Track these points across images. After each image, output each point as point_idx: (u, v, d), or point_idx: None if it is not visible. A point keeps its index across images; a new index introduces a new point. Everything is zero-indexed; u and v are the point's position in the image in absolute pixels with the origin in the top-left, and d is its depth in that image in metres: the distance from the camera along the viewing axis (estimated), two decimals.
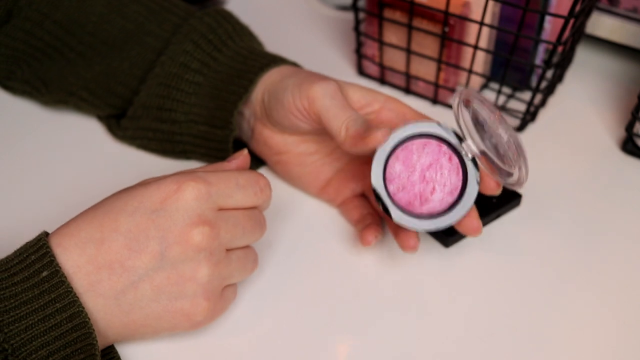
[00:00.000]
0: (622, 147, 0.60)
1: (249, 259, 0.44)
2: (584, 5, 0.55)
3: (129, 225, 0.39)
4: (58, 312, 0.37)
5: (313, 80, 0.47)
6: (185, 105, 0.54)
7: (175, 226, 0.39)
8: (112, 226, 0.39)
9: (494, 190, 0.45)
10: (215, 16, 0.56)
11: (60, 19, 0.57)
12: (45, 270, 0.38)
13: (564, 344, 0.45)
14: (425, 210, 0.44)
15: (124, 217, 0.39)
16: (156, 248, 0.39)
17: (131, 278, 0.39)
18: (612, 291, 0.48)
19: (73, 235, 0.39)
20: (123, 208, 0.40)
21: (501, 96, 0.65)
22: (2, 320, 0.36)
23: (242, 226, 0.42)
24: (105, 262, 0.39)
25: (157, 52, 0.56)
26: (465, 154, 0.44)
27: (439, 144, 0.45)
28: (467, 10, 0.59)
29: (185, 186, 0.40)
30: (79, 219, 0.40)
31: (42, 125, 0.61)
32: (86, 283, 0.39)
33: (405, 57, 0.64)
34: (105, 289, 0.39)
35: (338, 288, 0.48)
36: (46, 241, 0.39)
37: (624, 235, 0.52)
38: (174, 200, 0.39)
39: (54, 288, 0.37)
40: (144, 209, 0.40)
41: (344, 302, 0.47)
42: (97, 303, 0.39)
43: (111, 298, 0.39)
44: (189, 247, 0.39)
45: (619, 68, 0.70)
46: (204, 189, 0.40)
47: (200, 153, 0.55)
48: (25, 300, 0.37)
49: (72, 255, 0.39)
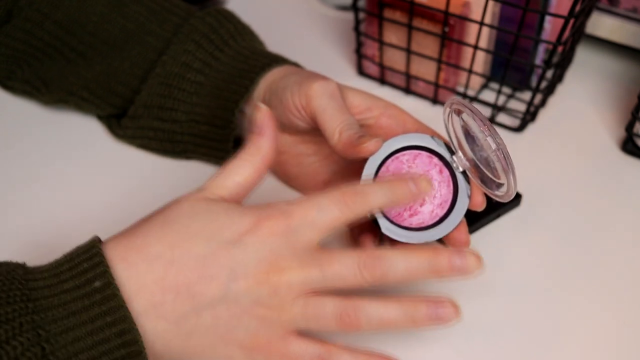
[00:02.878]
0: (622, 147, 0.60)
1: (322, 309, 0.39)
2: (584, 5, 0.55)
3: (204, 251, 0.38)
4: (107, 326, 0.36)
5: (313, 79, 0.47)
6: (187, 104, 0.54)
7: (249, 263, 0.38)
8: (185, 249, 0.38)
9: (479, 206, 0.44)
10: (216, 16, 0.56)
11: (60, 18, 0.57)
12: (98, 281, 0.36)
13: (564, 344, 0.45)
14: (414, 222, 0.44)
15: (199, 242, 0.38)
16: (225, 279, 0.38)
17: (196, 305, 0.37)
18: (612, 291, 0.48)
19: (140, 251, 0.38)
20: (199, 232, 0.38)
21: (501, 96, 0.65)
22: (49, 329, 0.35)
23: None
24: (172, 285, 0.37)
25: (158, 52, 0.56)
26: (456, 167, 0.44)
27: (430, 156, 0.45)
28: (467, 10, 0.59)
29: (263, 224, 0.38)
30: (144, 233, 0.39)
31: (42, 125, 0.60)
32: (148, 303, 0.37)
33: (405, 57, 0.64)
34: (168, 311, 0.37)
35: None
36: (100, 249, 0.38)
37: (623, 235, 0.52)
38: (251, 235, 0.38)
39: (105, 300, 0.36)
40: (221, 239, 0.38)
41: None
42: (158, 324, 0.37)
43: (172, 322, 0.38)
44: (256, 286, 0.38)
45: (619, 68, 0.70)
46: (282, 225, 0.38)
47: (201, 152, 0.55)
48: (74, 311, 0.36)
49: (138, 272, 0.37)
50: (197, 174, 0.56)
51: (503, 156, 0.41)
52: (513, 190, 0.41)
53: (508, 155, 0.40)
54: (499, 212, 0.53)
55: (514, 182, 0.41)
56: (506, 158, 0.40)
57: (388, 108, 0.48)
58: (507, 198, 0.42)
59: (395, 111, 0.48)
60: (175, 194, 0.45)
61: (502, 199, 0.43)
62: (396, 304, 0.40)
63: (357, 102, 0.48)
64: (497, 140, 0.41)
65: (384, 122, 0.48)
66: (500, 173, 0.42)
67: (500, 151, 0.41)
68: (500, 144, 0.41)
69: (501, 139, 0.41)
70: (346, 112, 0.45)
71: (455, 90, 0.65)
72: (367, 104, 0.48)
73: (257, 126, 0.43)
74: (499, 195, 0.43)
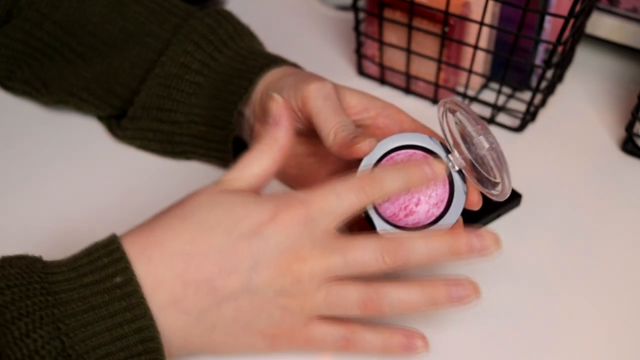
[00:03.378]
0: (622, 147, 0.60)
1: (346, 296, 0.39)
2: (584, 5, 0.55)
3: (223, 245, 0.38)
4: (127, 322, 0.36)
5: (309, 81, 0.47)
6: (186, 105, 0.54)
7: (270, 253, 0.38)
8: (204, 243, 0.38)
9: (476, 205, 0.44)
10: (215, 16, 0.56)
11: (60, 19, 0.57)
12: (119, 276, 0.36)
13: (564, 344, 0.45)
14: (410, 222, 0.44)
15: (218, 235, 0.38)
16: (246, 272, 0.38)
17: (217, 298, 0.38)
18: (612, 291, 0.48)
19: (159, 246, 0.38)
20: (217, 225, 0.38)
21: (501, 96, 0.65)
22: (69, 323, 0.35)
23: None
24: (192, 280, 0.37)
25: (157, 53, 0.56)
26: (452, 166, 0.44)
27: (426, 155, 0.44)
28: (467, 10, 0.59)
29: (283, 214, 0.38)
30: (162, 228, 0.39)
31: (42, 125, 0.60)
32: (169, 298, 0.37)
33: (405, 57, 0.64)
34: (189, 306, 0.37)
35: None
36: (120, 244, 0.37)
37: (623, 235, 0.52)
38: (271, 226, 0.38)
39: (126, 296, 0.36)
40: (241, 230, 0.38)
41: None
42: (178, 319, 0.37)
43: (193, 316, 0.38)
44: (278, 277, 0.38)
45: (619, 68, 0.70)
46: (302, 214, 0.39)
47: (200, 153, 0.55)
48: (93, 305, 0.36)
49: (157, 268, 0.37)
50: (197, 174, 0.56)
51: (497, 155, 0.41)
52: (508, 189, 0.41)
53: (502, 154, 0.41)
54: (499, 212, 0.53)
55: (508, 181, 0.41)
56: (500, 157, 0.40)
57: (385, 108, 0.48)
58: (503, 197, 0.42)
59: (393, 111, 0.48)
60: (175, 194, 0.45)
61: (498, 198, 0.43)
62: (417, 287, 0.40)
63: (354, 102, 0.48)
64: (489, 139, 0.41)
65: (382, 122, 0.48)
66: (495, 172, 0.42)
67: (493, 150, 0.41)
68: (493, 143, 0.41)
69: (494, 137, 0.41)
70: (341, 113, 0.45)
71: (455, 90, 0.65)
72: (365, 104, 0.48)
73: (272, 117, 0.43)
74: (494, 195, 0.43)
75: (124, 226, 0.41)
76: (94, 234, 0.41)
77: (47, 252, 0.42)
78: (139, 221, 0.41)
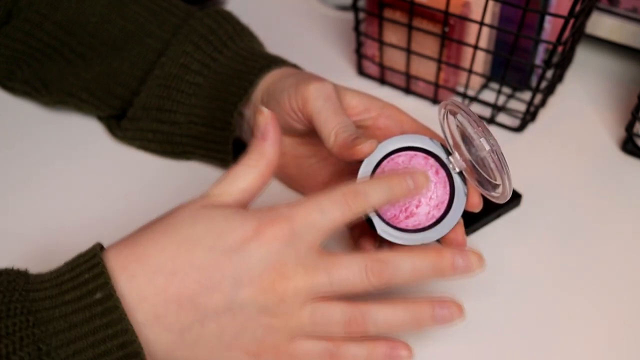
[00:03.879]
0: (622, 147, 0.60)
1: (331, 316, 0.39)
2: (584, 5, 0.55)
3: (205, 261, 0.37)
4: (109, 338, 0.35)
5: (309, 81, 0.47)
6: (185, 106, 0.54)
7: (253, 270, 0.37)
8: (186, 259, 0.37)
9: (476, 207, 0.44)
10: (215, 17, 0.56)
11: (59, 19, 0.57)
12: (99, 292, 0.36)
13: (564, 344, 0.45)
14: (410, 223, 0.44)
15: (200, 251, 0.37)
16: (229, 288, 0.37)
17: (199, 315, 0.37)
18: (612, 291, 0.48)
19: (140, 262, 0.37)
20: (199, 240, 0.38)
21: (501, 96, 0.65)
22: (50, 343, 0.35)
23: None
24: (174, 297, 0.37)
25: (157, 53, 0.55)
26: (453, 168, 0.44)
27: (426, 157, 0.44)
28: (467, 10, 0.59)
29: (266, 230, 0.38)
30: (145, 242, 0.38)
31: (42, 125, 0.60)
32: (151, 314, 0.37)
33: (405, 57, 0.64)
34: (171, 323, 0.37)
35: None
36: (101, 259, 0.37)
37: (623, 235, 0.52)
38: (254, 242, 0.37)
39: (107, 312, 0.36)
40: (223, 246, 0.37)
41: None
42: (161, 335, 0.37)
43: (175, 332, 0.37)
44: (262, 294, 0.38)
45: (619, 68, 0.70)
46: (285, 230, 0.38)
47: (200, 154, 0.55)
48: (75, 323, 0.35)
49: (139, 284, 0.37)
50: (197, 174, 0.56)
51: (497, 157, 0.41)
52: (508, 192, 0.41)
53: (502, 156, 0.40)
54: (499, 212, 0.53)
55: (509, 183, 0.41)
56: (500, 159, 0.40)
57: (386, 108, 0.48)
58: (503, 199, 0.42)
59: (393, 111, 0.48)
60: (175, 194, 0.45)
61: (499, 200, 0.43)
62: (402, 307, 0.40)
63: (354, 102, 0.48)
64: (490, 141, 0.41)
65: (382, 122, 0.48)
66: (495, 174, 0.42)
67: (494, 152, 0.41)
68: (494, 145, 0.40)
69: (495, 139, 0.41)
70: (342, 114, 0.45)
71: (455, 90, 0.65)
72: (365, 105, 0.48)
73: (259, 130, 0.42)
74: (495, 196, 0.43)
75: (124, 226, 0.41)
76: (94, 234, 0.41)
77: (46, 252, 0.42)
78: (138, 221, 0.41)
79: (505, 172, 0.40)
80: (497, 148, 0.40)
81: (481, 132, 0.41)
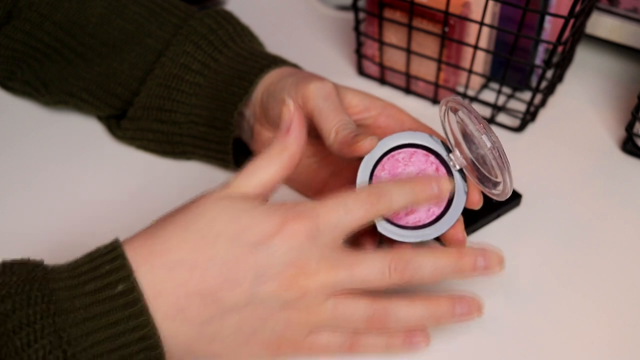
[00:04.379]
0: (622, 147, 0.60)
1: (353, 311, 0.39)
2: (584, 5, 0.55)
3: (227, 255, 0.37)
4: (129, 331, 0.35)
5: (309, 80, 0.47)
6: (186, 106, 0.54)
7: (275, 266, 0.37)
8: (208, 253, 0.37)
9: (476, 204, 0.44)
10: (215, 17, 0.56)
11: (60, 20, 0.57)
12: (121, 285, 0.36)
13: (564, 344, 0.45)
14: (410, 220, 0.44)
15: (222, 245, 0.37)
16: (250, 283, 0.37)
17: (220, 309, 0.37)
18: (612, 291, 0.48)
19: (162, 254, 0.37)
20: (221, 234, 0.37)
21: (501, 96, 0.65)
22: (70, 333, 0.35)
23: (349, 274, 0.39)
24: (196, 290, 0.37)
25: (157, 53, 0.56)
26: (453, 165, 0.44)
27: (426, 154, 0.45)
28: (467, 10, 0.59)
29: (290, 225, 0.38)
30: (165, 235, 0.38)
31: (42, 125, 0.61)
32: (171, 308, 0.37)
33: (405, 57, 0.64)
34: (191, 316, 0.37)
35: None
36: (122, 252, 0.37)
37: (623, 235, 0.52)
38: (278, 237, 0.37)
39: (128, 305, 0.35)
40: (245, 241, 0.37)
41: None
42: (180, 329, 0.37)
43: (195, 326, 0.37)
44: (283, 290, 0.38)
45: (619, 68, 0.70)
46: (309, 226, 0.38)
47: (200, 154, 0.55)
48: (95, 314, 0.35)
49: (160, 277, 0.37)
50: (197, 174, 0.56)
51: (499, 154, 0.41)
52: (509, 189, 0.41)
53: (503, 154, 0.41)
54: (499, 212, 0.53)
55: (510, 181, 0.41)
56: (502, 156, 0.40)
57: (386, 108, 0.48)
58: (504, 197, 0.42)
59: (394, 111, 0.48)
60: (175, 194, 0.45)
61: (499, 198, 0.43)
62: (422, 304, 0.41)
63: (355, 102, 0.48)
64: (492, 138, 0.41)
65: (382, 121, 0.48)
66: (496, 171, 0.42)
67: (495, 149, 0.41)
68: (496, 142, 0.41)
69: (496, 137, 0.41)
70: (342, 112, 0.45)
71: (455, 90, 0.65)
72: (365, 104, 0.48)
73: (284, 123, 0.42)
74: (495, 194, 0.43)
75: (124, 226, 0.41)
76: (94, 234, 0.41)
77: (47, 252, 0.42)
78: (138, 221, 0.41)
79: (507, 170, 0.41)
80: (498, 145, 0.41)
81: (482, 129, 0.41)
